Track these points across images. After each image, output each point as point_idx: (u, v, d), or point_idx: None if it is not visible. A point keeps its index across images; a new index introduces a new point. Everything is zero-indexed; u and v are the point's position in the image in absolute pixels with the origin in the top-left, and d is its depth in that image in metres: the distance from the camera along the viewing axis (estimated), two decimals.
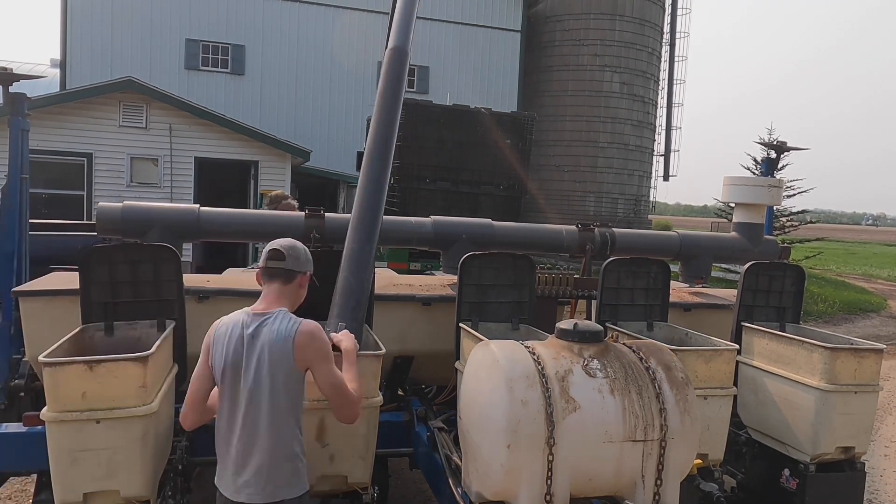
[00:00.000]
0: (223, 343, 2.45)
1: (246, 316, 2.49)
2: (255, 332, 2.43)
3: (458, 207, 10.63)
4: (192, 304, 3.79)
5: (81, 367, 2.52)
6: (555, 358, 2.66)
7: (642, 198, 21.79)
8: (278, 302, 2.52)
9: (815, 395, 3.63)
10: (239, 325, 2.46)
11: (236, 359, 2.42)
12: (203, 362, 2.50)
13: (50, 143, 12.45)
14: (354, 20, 19.31)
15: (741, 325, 4.21)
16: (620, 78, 20.63)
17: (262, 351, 2.41)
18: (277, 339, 2.41)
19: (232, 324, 2.48)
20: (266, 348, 2.41)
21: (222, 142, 14.00)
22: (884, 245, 58.32)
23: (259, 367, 2.40)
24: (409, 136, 10.60)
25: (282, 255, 2.53)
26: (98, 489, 2.60)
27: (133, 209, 4.45)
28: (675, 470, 2.65)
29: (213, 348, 2.47)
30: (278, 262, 2.53)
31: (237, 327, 2.46)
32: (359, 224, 3.25)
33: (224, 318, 2.53)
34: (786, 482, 3.85)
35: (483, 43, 21.08)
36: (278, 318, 2.46)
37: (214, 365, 2.46)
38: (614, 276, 4.15)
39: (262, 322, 2.45)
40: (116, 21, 17.53)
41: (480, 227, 5.05)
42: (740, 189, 5.51)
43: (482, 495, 2.71)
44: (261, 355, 2.41)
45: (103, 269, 3.29)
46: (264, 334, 2.42)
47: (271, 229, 5.04)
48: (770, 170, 6.94)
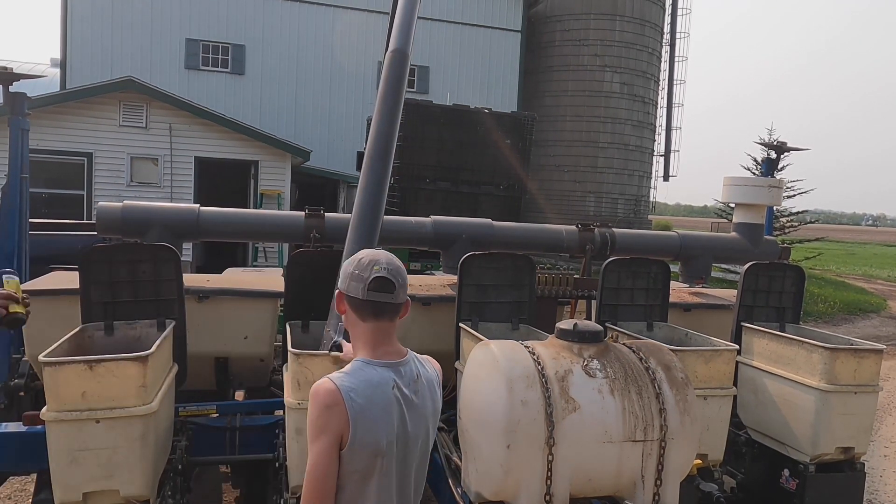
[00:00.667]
0: (371, 414, 1.83)
1: (382, 371, 1.90)
2: (411, 388, 1.93)
3: (458, 207, 10.63)
4: (192, 304, 3.80)
5: (81, 366, 2.51)
6: (555, 358, 2.66)
7: (642, 198, 21.79)
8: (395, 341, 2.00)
9: (815, 395, 3.63)
10: (383, 385, 1.87)
11: (401, 430, 1.88)
12: (331, 447, 1.80)
13: (50, 143, 12.45)
14: (354, 20, 19.31)
15: (741, 326, 4.21)
16: (620, 78, 20.63)
17: (428, 409, 1.97)
18: (435, 388, 2.02)
19: (369, 385, 1.86)
20: (431, 405, 1.99)
21: (222, 141, 14.00)
22: (884, 245, 58.34)
23: (427, 429, 1.98)
24: (410, 136, 10.60)
25: (392, 286, 1.91)
26: (98, 489, 2.60)
27: (133, 209, 4.45)
28: (674, 470, 2.65)
29: (358, 426, 1.80)
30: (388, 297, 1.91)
31: (383, 388, 1.87)
32: (359, 224, 3.25)
33: (343, 382, 1.83)
34: (785, 482, 3.85)
35: (483, 43, 21.09)
36: (420, 364, 2.02)
37: (360, 447, 1.81)
38: (614, 277, 4.15)
39: (410, 373, 1.96)
40: (116, 21, 17.53)
41: (480, 227, 5.05)
42: (740, 189, 5.51)
43: (482, 495, 2.71)
44: (427, 416, 1.97)
45: (103, 268, 3.29)
46: (423, 388, 1.96)
47: (271, 229, 5.06)
48: (770, 170, 6.95)
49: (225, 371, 4.20)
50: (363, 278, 1.89)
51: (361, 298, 1.90)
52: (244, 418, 3.77)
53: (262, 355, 4.20)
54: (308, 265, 3.70)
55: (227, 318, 4.06)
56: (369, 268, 1.90)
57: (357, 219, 3.27)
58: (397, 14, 4.01)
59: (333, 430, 1.79)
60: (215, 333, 4.01)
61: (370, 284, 1.88)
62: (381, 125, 3.51)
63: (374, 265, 1.91)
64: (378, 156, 3.44)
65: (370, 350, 1.93)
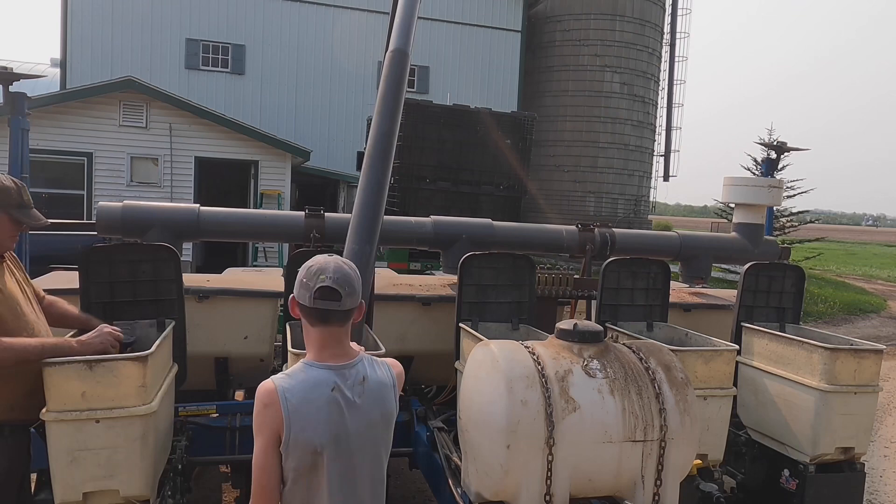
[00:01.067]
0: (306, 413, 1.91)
1: (323, 372, 1.97)
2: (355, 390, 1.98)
3: (458, 207, 10.64)
4: (192, 304, 3.80)
5: (81, 366, 2.51)
6: (554, 358, 2.66)
7: (642, 198, 21.80)
8: (344, 344, 2.05)
9: (815, 395, 3.63)
10: (321, 386, 1.94)
11: (340, 430, 1.94)
12: (270, 445, 1.91)
13: (50, 143, 12.46)
14: (354, 20, 19.32)
15: (741, 326, 4.21)
16: (621, 78, 20.64)
17: (373, 411, 2.01)
18: (386, 391, 2.06)
19: (306, 385, 1.94)
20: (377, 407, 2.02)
21: (222, 141, 14.00)
22: (884, 246, 58.32)
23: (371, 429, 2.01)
24: (410, 136, 10.61)
25: (337, 295, 1.95)
26: (98, 489, 2.60)
27: (133, 209, 4.45)
28: (674, 470, 2.65)
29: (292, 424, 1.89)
30: (331, 304, 1.96)
31: (320, 388, 1.94)
32: (359, 224, 3.25)
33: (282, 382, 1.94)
34: (785, 483, 3.85)
35: (483, 43, 21.09)
36: (371, 366, 2.07)
37: (295, 445, 1.90)
38: (614, 277, 4.15)
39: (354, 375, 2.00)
40: (117, 20, 17.54)
41: (480, 227, 5.05)
42: (740, 189, 5.51)
43: (482, 495, 2.71)
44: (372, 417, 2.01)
45: (103, 268, 3.29)
46: (369, 391, 2.01)
47: (271, 229, 5.06)
48: (770, 170, 6.95)
49: (225, 371, 4.20)
50: (310, 287, 1.95)
51: (309, 306, 1.96)
52: (244, 418, 3.77)
53: (262, 355, 4.20)
54: None
55: (227, 317, 4.06)
56: (316, 276, 1.95)
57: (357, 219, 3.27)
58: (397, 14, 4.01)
59: (270, 428, 1.90)
60: (215, 333, 4.01)
61: (316, 293, 1.94)
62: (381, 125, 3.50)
63: (320, 274, 1.96)
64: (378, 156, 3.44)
65: (316, 353, 2.00)
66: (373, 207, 3.29)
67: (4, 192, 2.62)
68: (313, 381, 1.95)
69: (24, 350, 2.47)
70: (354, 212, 3.29)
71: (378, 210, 3.30)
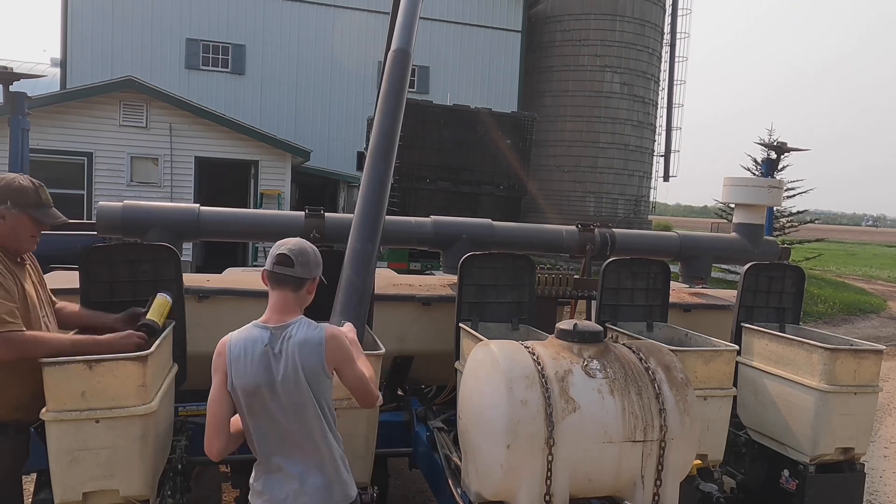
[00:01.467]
0: (243, 363, 2.28)
1: (261, 331, 2.34)
2: (280, 346, 2.30)
3: (458, 207, 10.64)
4: (192, 304, 3.79)
5: (81, 366, 2.51)
6: (554, 358, 2.66)
7: (642, 198, 21.79)
8: (290, 310, 2.37)
9: (815, 395, 3.63)
10: (258, 342, 2.31)
11: (267, 378, 2.27)
12: (220, 385, 2.32)
13: (50, 142, 12.46)
14: (355, 20, 19.31)
15: (741, 326, 4.21)
16: (621, 78, 20.64)
17: (295, 365, 2.28)
18: (308, 349, 2.30)
19: (247, 341, 2.32)
20: (298, 361, 2.28)
21: (222, 141, 14.01)
22: (884, 246, 58.31)
23: (297, 381, 2.28)
24: (410, 136, 10.61)
25: (290, 261, 2.34)
26: (97, 488, 2.60)
27: (133, 208, 4.45)
28: (674, 470, 2.65)
29: (232, 370, 2.29)
30: (286, 269, 2.34)
31: (256, 344, 2.30)
32: (361, 223, 3.25)
33: (233, 336, 2.36)
34: (785, 483, 3.85)
35: (483, 43, 21.09)
36: (301, 327, 2.34)
37: (236, 387, 2.29)
38: (614, 277, 4.15)
39: (283, 335, 2.32)
40: (117, 20, 17.54)
41: (480, 227, 5.05)
42: (740, 190, 5.50)
43: (482, 495, 2.71)
44: (294, 369, 2.28)
45: (103, 268, 3.29)
46: (291, 347, 2.30)
47: (271, 229, 5.05)
48: (770, 170, 6.95)
49: None
50: (272, 255, 2.36)
51: (268, 269, 2.37)
52: None
53: None
54: None
55: (227, 317, 4.04)
56: (278, 247, 2.38)
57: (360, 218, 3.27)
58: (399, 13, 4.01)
59: (220, 371, 2.32)
60: (215, 333, 3.99)
61: (274, 259, 2.36)
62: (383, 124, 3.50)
63: (282, 246, 2.38)
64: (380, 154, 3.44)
65: (266, 315, 2.38)
66: (375, 206, 3.29)
67: (22, 193, 2.59)
68: (252, 338, 2.32)
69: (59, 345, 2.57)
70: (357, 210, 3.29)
71: (380, 209, 3.30)
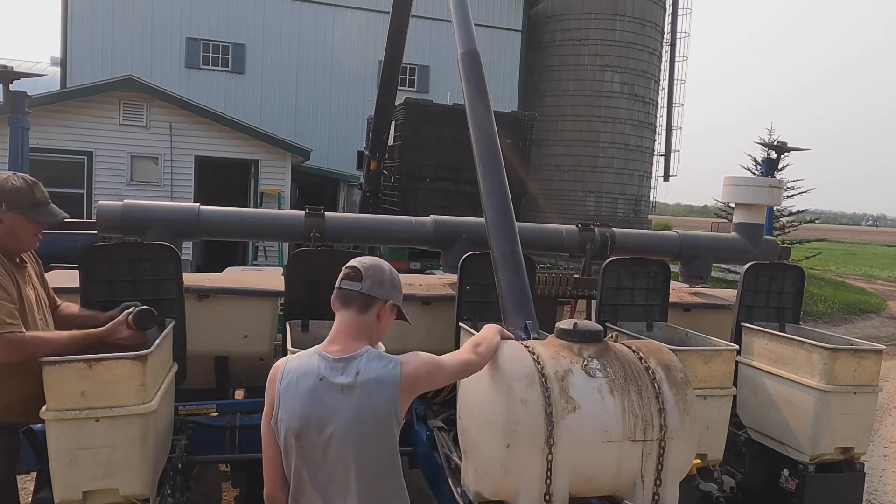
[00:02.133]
0: (293, 395, 1.95)
1: (320, 360, 1.99)
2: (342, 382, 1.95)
3: (459, 207, 10.62)
4: (192, 303, 3.80)
5: (80, 365, 2.51)
6: (554, 358, 2.66)
7: (642, 198, 21.79)
8: (356, 336, 2.02)
9: (815, 395, 3.63)
10: (312, 375, 1.96)
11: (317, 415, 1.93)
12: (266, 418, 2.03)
13: (50, 142, 12.45)
14: (355, 20, 19.31)
15: (741, 326, 4.21)
16: (621, 78, 20.63)
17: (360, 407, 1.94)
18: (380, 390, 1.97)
19: (300, 370, 1.98)
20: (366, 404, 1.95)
21: (222, 140, 14.00)
22: (884, 246, 58.29)
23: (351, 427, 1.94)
24: (410, 135, 10.60)
25: (358, 275, 2.01)
26: (97, 487, 2.60)
27: (133, 208, 4.45)
28: (674, 470, 2.65)
29: (282, 404, 1.96)
30: (352, 283, 2.01)
31: (309, 376, 1.96)
32: (498, 227, 3.23)
33: (290, 361, 2.03)
34: (785, 483, 3.85)
35: (483, 43, 20.85)
36: (371, 361, 1.99)
37: (280, 422, 1.97)
38: (614, 276, 4.15)
39: (348, 368, 1.97)
40: (117, 19, 17.53)
41: (480, 226, 5.04)
42: (740, 189, 5.50)
43: (481, 495, 2.71)
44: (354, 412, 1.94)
45: (103, 267, 3.29)
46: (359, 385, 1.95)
47: (271, 228, 5.06)
48: (770, 170, 6.95)
49: (225, 370, 4.20)
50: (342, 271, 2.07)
51: (336, 286, 2.06)
52: (244, 417, 3.77)
53: (262, 354, 4.20)
54: (308, 264, 3.70)
55: (227, 317, 4.06)
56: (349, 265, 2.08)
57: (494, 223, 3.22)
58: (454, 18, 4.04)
59: (269, 400, 2.01)
60: (215, 332, 4.01)
61: (343, 273, 2.06)
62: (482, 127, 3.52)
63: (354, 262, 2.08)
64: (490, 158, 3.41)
65: (328, 341, 2.05)
66: (505, 209, 3.27)
67: (15, 193, 2.56)
68: (306, 368, 1.98)
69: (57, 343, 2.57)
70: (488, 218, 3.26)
71: (509, 210, 3.27)
